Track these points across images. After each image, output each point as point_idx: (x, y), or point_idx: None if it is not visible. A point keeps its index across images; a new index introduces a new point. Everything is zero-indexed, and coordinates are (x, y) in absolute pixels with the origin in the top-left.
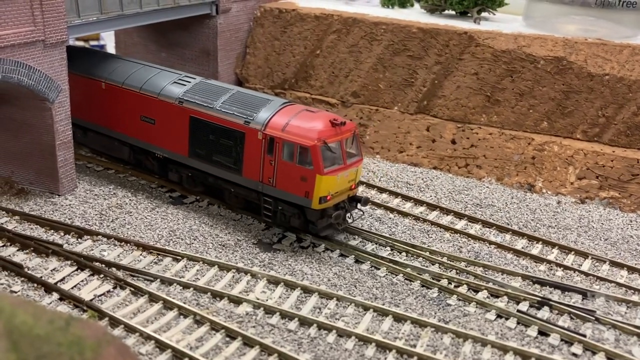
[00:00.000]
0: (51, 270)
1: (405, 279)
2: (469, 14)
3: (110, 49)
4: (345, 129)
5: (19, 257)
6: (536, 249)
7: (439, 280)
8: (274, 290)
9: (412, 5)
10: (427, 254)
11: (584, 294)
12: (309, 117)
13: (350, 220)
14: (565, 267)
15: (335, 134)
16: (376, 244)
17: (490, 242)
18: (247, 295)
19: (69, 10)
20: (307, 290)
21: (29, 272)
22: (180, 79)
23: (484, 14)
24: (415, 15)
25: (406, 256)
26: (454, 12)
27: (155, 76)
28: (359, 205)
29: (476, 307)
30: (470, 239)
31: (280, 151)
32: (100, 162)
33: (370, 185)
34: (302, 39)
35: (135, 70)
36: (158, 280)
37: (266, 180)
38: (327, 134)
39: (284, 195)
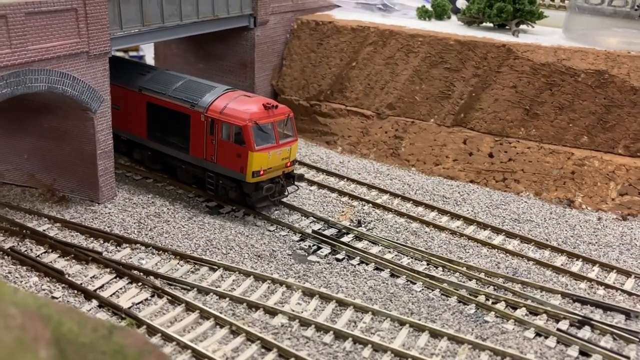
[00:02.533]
0: (91, 278)
1: (442, 294)
2: (507, 27)
3: (149, 60)
4: (278, 112)
5: (60, 263)
6: (576, 267)
7: (477, 297)
8: (309, 303)
9: (448, 17)
10: (464, 269)
11: (627, 314)
12: (244, 101)
13: (286, 194)
14: (607, 286)
15: (267, 116)
16: (412, 258)
17: (529, 258)
18: (283, 306)
19: (111, 22)
20: (342, 304)
21: (70, 278)
22: (141, 71)
23: (522, 27)
24: (453, 28)
25: (443, 271)
26: (491, 25)
27: (126, 71)
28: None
29: (515, 324)
30: (508, 254)
31: (220, 131)
32: (139, 171)
33: (405, 198)
34: (338, 51)
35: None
36: (195, 289)
37: (209, 157)
38: (259, 115)
39: (224, 171)
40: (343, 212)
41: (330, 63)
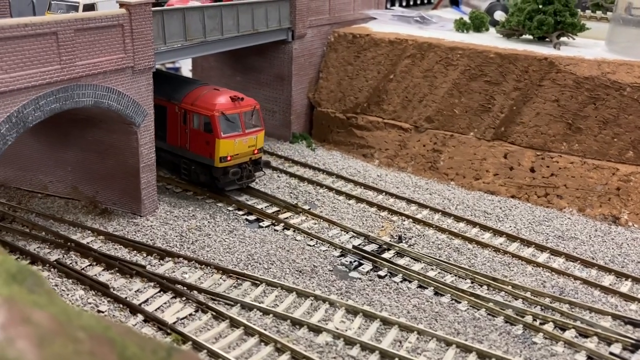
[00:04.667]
0: (135, 291)
1: (488, 314)
2: (547, 39)
3: (186, 71)
4: (245, 104)
5: (105, 277)
6: (625, 287)
7: (524, 317)
8: (352, 321)
9: (486, 29)
10: (510, 288)
11: None
12: (214, 94)
13: (254, 179)
14: None
15: (233, 107)
16: (456, 275)
17: (576, 277)
18: (326, 324)
19: (156, 38)
20: (386, 322)
21: (115, 292)
22: None
23: (563, 39)
24: (492, 40)
25: (488, 290)
26: (531, 37)
27: None
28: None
29: (564, 346)
30: (553, 273)
31: (191, 121)
32: (179, 183)
33: (446, 214)
34: (375, 63)
35: None
36: (238, 305)
37: (183, 145)
38: (225, 107)
39: (195, 157)
40: (383, 227)
41: (367, 76)
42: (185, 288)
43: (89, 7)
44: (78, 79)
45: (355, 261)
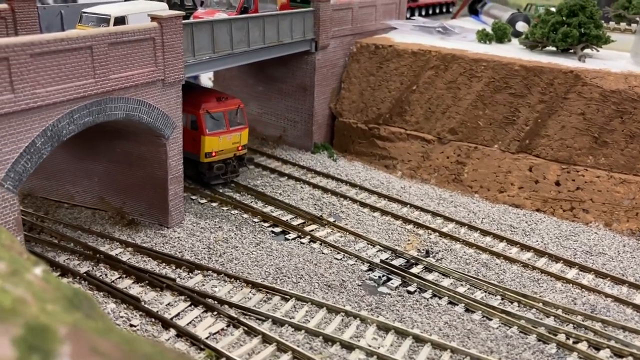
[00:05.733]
0: (166, 305)
1: (520, 331)
2: (571, 51)
3: (205, 80)
4: (229, 103)
5: (135, 289)
6: None
7: (556, 335)
8: (384, 338)
9: (509, 40)
10: (540, 305)
11: None
12: (201, 94)
13: (237, 174)
14: None
15: (218, 106)
16: (485, 291)
17: (606, 295)
18: (358, 341)
19: (185, 50)
20: (418, 339)
21: (146, 306)
22: None
23: (587, 51)
24: (515, 52)
25: (518, 306)
26: (554, 49)
27: None
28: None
29: None
30: (583, 290)
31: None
32: (204, 194)
33: (472, 227)
34: (398, 74)
35: None
36: (270, 320)
37: None
38: (210, 106)
39: (185, 154)
40: (409, 240)
41: (390, 86)
42: (215, 302)
43: (120, 20)
44: (111, 92)
45: (383, 276)
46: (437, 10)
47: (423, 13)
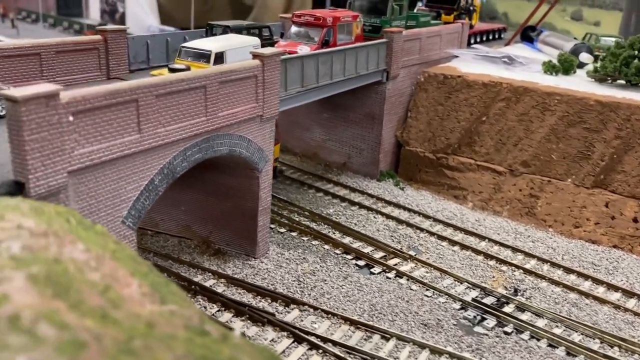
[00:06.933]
0: (270, 341)
1: None
2: None
3: None
4: None
5: (237, 324)
6: None
7: None
8: None
9: (574, 72)
10: None
11: None
12: None
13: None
14: None
15: None
16: (582, 334)
17: None
18: None
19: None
20: None
21: (251, 342)
22: None
23: None
24: (585, 85)
25: (619, 351)
26: (624, 82)
27: None
28: None
29: None
30: None
31: None
32: (282, 223)
33: (554, 264)
34: (468, 105)
35: None
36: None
37: None
38: None
39: None
40: (494, 277)
41: (459, 117)
42: (319, 340)
43: (219, 56)
44: (218, 130)
45: (477, 315)
46: (490, 37)
47: (478, 40)
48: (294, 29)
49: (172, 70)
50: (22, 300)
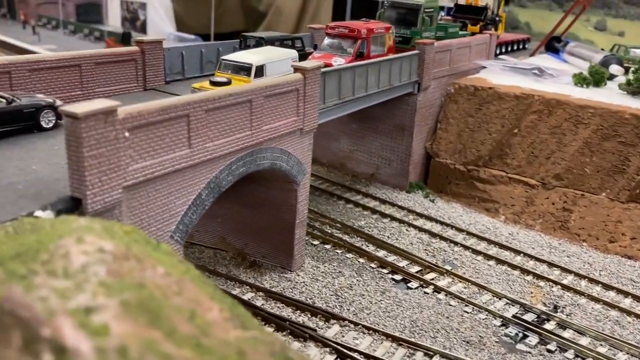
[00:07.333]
0: (314, 358)
1: None
2: None
3: None
4: None
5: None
6: None
7: None
8: None
9: (605, 84)
10: None
11: None
12: None
13: None
14: None
15: None
16: (628, 353)
17: None
18: None
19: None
20: None
21: None
22: None
23: None
24: (618, 98)
25: None
26: None
27: None
28: None
29: None
30: None
31: None
32: (315, 235)
33: (592, 280)
34: (499, 117)
35: None
36: None
37: None
38: None
39: None
40: (532, 293)
41: (490, 129)
42: (362, 357)
43: (259, 69)
44: (261, 143)
45: (519, 332)
46: (515, 47)
47: (503, 50)
48: (327, 40)
49: (214, 83)
50: (121, 330)
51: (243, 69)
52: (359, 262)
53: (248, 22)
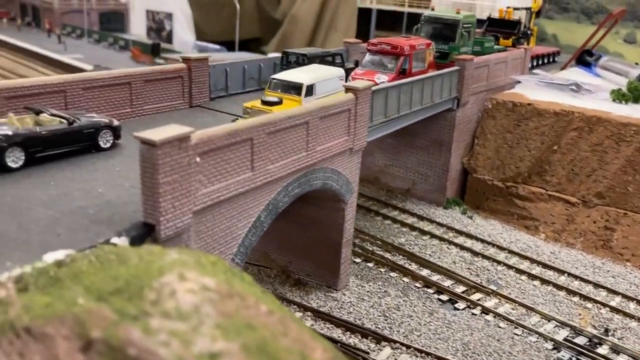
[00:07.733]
0: None
1: None
2: None
3: None
4: None
5: None
6: None
7: None
8: None
9: None
10: None
11: None
12: None
13: None
14: None
15: None
16: None
17: None
18: None
19: None
20: None
21: None
22: None
23: None
24: None
25: None
26: None
27: None
28: None
29: None
30: None
31: None
32: (356, 253)
33: None
34: (539, 133)
35: None
36: None
37: None
38: None
39: None
40: (580, 315)
41: (529, 145)
42: None
43: (310, 88)
44: (315, 164)
45: (572, 357)
46: (545, 61)
47: (534, 64)
48: (368, 56)
49: (266, 103)
50: None
51: (294, 88)
52: (403, 281)
53: (263, 30)
